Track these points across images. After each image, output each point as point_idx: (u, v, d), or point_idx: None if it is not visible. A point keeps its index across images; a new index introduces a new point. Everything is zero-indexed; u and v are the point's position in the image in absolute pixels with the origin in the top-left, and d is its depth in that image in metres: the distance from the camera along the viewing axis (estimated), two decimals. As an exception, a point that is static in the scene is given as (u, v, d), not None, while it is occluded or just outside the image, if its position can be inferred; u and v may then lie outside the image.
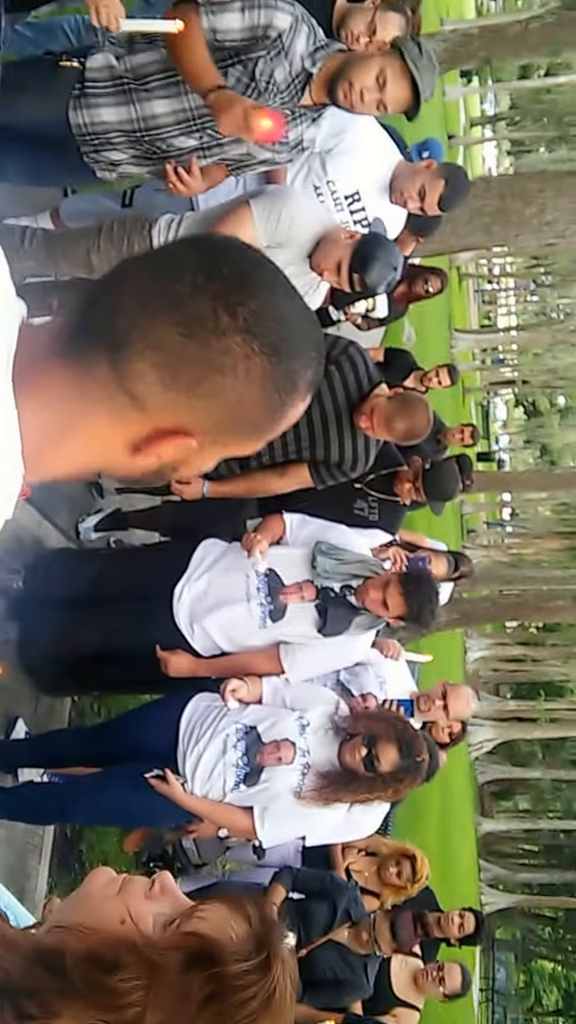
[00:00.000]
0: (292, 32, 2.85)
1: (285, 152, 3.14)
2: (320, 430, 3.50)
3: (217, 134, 2.98)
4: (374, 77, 2.92)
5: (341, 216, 3.81)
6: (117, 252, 3.21)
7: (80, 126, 2.97)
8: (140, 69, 2.91)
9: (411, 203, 3.90)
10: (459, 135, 36.40)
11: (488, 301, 54.19)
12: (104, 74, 2.92)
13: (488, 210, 7.61)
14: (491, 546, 33.08)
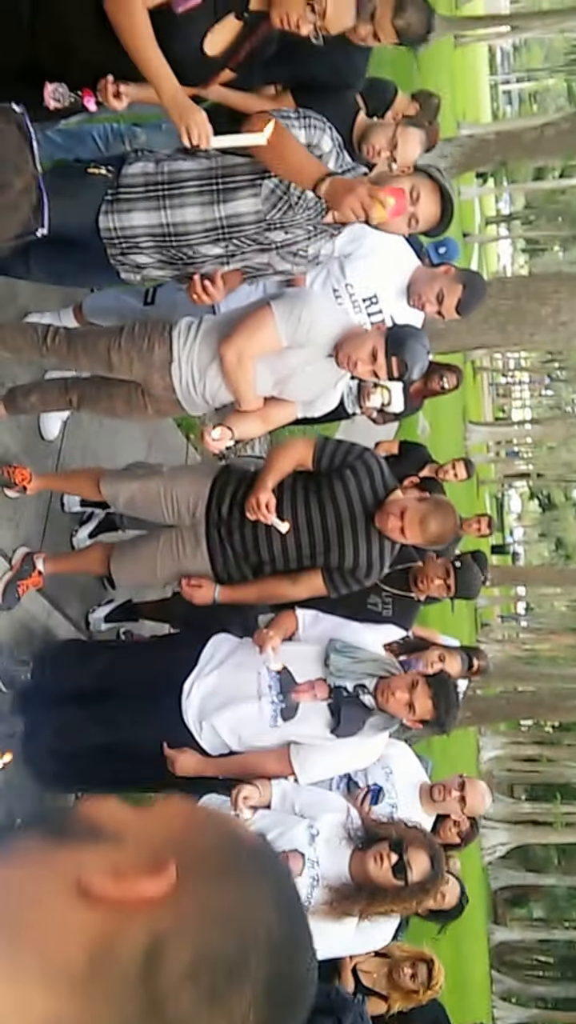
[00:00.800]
0: (329, 155, 2.95)
1: (303, 264, 3.23)
2: (335, 535, 3.49)
3: (242, 243, 3.06)
4: (407, 195, 3.00)
5: (359, 318, 3.87)
6: (137, 352, 3.27)
7: (110, 230, 3.05)
8: (176, 175, 3.01)
9: (429, 306, 3.96)
10: (474, 233, 37.26)
11: (503, 394, 54.78)
12: (139, 180, 3.02)
13: (503, 309, 7.72)
14: (505, 640, 32.75)
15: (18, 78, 2.82)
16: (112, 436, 4.73)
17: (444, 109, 14.77)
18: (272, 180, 2.96)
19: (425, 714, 3.32)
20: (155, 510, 3.64)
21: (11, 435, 3.99)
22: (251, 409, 3.36)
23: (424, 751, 6.19)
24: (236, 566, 3.60)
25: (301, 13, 2.68)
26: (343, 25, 2.75)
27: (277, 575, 3.61)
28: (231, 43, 2.83)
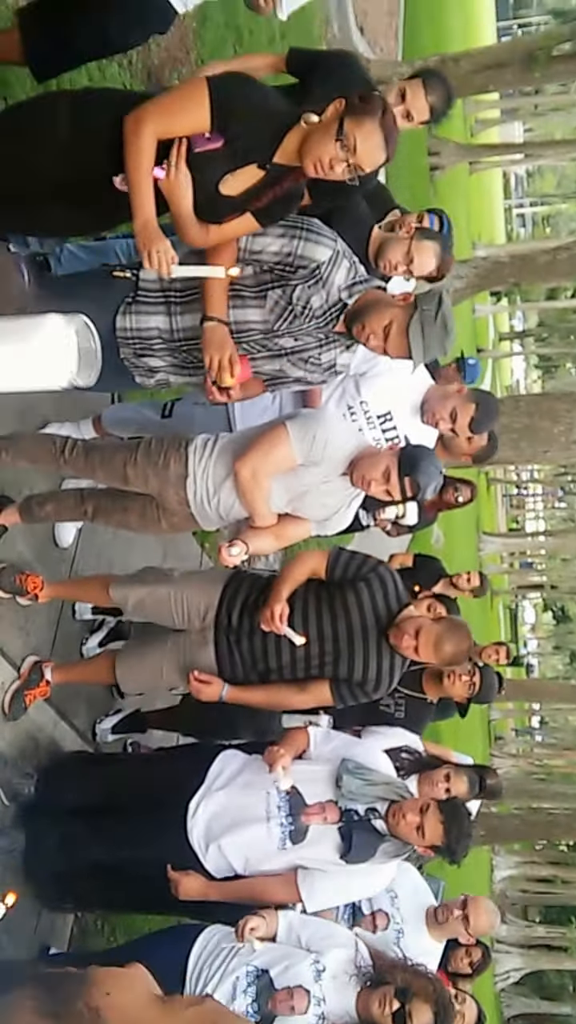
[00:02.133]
0: (332, 264, 3.02)
1: (318, 373, 3.26)
2: (345, 647, 3.45)
3: (251, 348, 3.13)
4: (383, 325, 3.07)
5: (373, 434, 3.91)
6: (153, 467, 3.31)
7: (125, 329, 3.14)
8: (186, 284, 3.10)
9: (443, 424, 4.01)
10: (488, 348, 37.95)
11: (516, 505, 54.98)
12: (154, 286, 3.12)
13: (516, 427, 7.82)
14: (519, 755, 32.02)
15: (55, 196, 2.93)
16: (126, 544, 4.74)
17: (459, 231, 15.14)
18: (276, 291, 3.03)
19: (435, 840, 3.22)
20: (164, 614, 3.62)
21: (26, 542, 4.00)
22: (265, 526, 3.36)
23: (436, 871, 6.01)
24: (244, 674, 3.56)
25: (333, 154, 2.72)
26: (375, 161, 2.79)
27: (285, 681, 3.56)
28: (251, 188, 2.89)
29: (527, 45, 9.04)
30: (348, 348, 3.22)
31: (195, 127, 2.75)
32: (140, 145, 2.71)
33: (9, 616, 3.81)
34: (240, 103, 2.78)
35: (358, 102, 2.75)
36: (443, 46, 19.04)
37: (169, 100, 2.82)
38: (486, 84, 8.97)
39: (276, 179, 2.88)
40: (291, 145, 2.82)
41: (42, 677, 3.79)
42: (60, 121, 2.85)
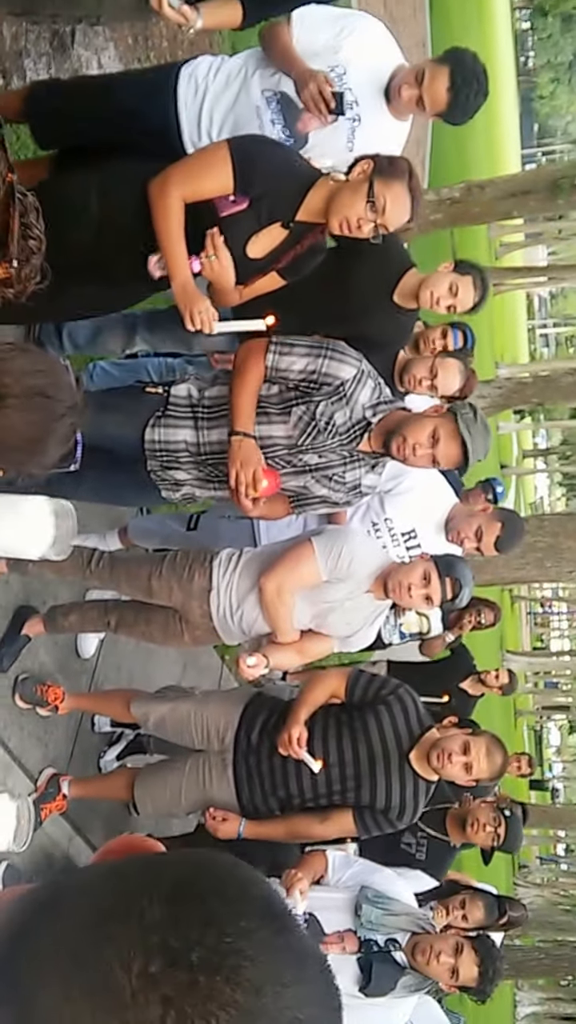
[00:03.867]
0: (356, 383, 3.07)
1: (342, 492, 3.27)
2: (367, 772, 3.38)
3: (276, 464, 3.16)
4: (428, 434, 3.08)
5: (397, 551, 3.92)
6: (177, 580, 3.32)
7: (153, 442, 3.18)
8: (216, 400, 3.16)
9: (468, 543, 4.01)
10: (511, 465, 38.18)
11: (541, 624, 54.37)
12: (184, 401, 3.18)
13: (541, 546, 7.80)
14: (544, 884, 30.87)
15: (83, 274, 3.02)
16: (147, 656, 4.73)
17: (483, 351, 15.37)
18: (300, 407, 3.08)
19: (469, 981, 3.10)
20: (184, 733, 3.57)
21: (48, 652, 4.00)
22: (288, 642, 3.35)
23: (455, 1005, 5.75)
24: (263, 798, 3.48)
25: (362, 214, 2.80)
26: (400, 221, 2.87)
27: (306, 811, 3.48)
28: (275, 249, 2.97)
29: (551, 173, 9.34)
30: (373, 468, 3.25)
31: (219, 189, 2.81)
32: (168, 208, 2.77)
33: (29, 727, 3.78)
34: (262, 163, 2.85)
35: (387, 164, 2.85)
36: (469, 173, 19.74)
37: (192, 163, 2.90)
38: (511, 210, 9.23)
39: (299, 237, 2.96)
40: (314, 203, 2.89)
41: (59, 791, 3.73)
42: (89, 199, 2.91)
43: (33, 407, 1.51)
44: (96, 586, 3.78)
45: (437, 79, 3.08)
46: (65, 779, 3.78)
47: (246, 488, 2.98)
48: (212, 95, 3.12)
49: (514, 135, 54.08)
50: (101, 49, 4.60)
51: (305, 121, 3.08)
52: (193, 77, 3.14)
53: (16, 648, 3.68)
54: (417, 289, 3.42)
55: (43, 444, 1.54)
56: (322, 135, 3.12)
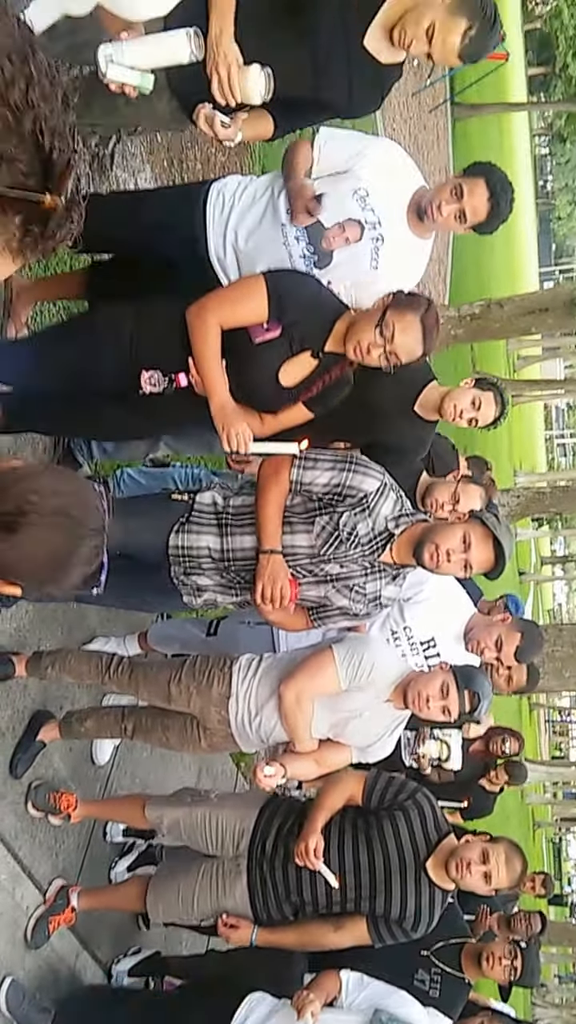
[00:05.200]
0: (379, 495, 3.12)
1: (363, 603, 3.29)
2: (383, 880, 3.31)
3: (298, 573, 3.19)
4: (460, 539, 3.12)
5: (416, 660, 3.90)
6: (196, 686, 3.31)
7: (177, 547, 3.21)
8: (240, 508, 3.21)
9: (488, 653, 3.99)
10: (529, 572, 38.03)
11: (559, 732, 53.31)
12: (209, 508, 3.23)
13: (559, 655, 7.74)
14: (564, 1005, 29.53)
15: (112, 396, 3.09)
16: (163, 763, 4.68)
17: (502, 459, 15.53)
18: (323, 517, 3.12)
19: None
20: (198, 838, 3.51)
21: (62, 757, 3.96)
22: (305, 750, 3.32)
23: None
24: (277, 906, 3.41)
25: (372, 339, 2.92)
26: (412, 353, 2.97)
27: (319, 919, 3.39)
28: (305, 378, 3.07)
29: (568, 292, 9.59)
30: (394, 579, 3.26)
31: (254, 316, 2.94)
32: (206, 332, 2.91)
33: (39, 836, 3.72)
34: (295, 293, 2.98)
35: (405, 297, 2.95)
36: (488, 291, 20.23)
37: (229, 291, 3.07)
38: (529, 327, 9.44)
39: (327, 368, 3.06)
40: (340, 333, 3.02)
41: (68, 903, 3.65)
42: (124, 328, 3.04)
43: (57, 527, 1.51)
44: (114, 691, 3.77)
45: (476, 192, 3.19)
46: (74, 890, 3.70)
47: (272, 603, 3.04)
48: (239, 211, 3.25)
49: (532, 254, 55.52)
50: (138, 171, 4.82)
51: (329, 239, 3.17)
52: (221, 193, 3.28)
53: (31, 754, 3.65)
54: (438, 402, 3.48)
55: (65, 565, 1.53)
56: (346, 253, 3.22)
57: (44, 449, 3.86)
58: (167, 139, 5.25)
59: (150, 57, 2.29)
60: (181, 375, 2.96)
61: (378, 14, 2.89)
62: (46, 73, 0.93)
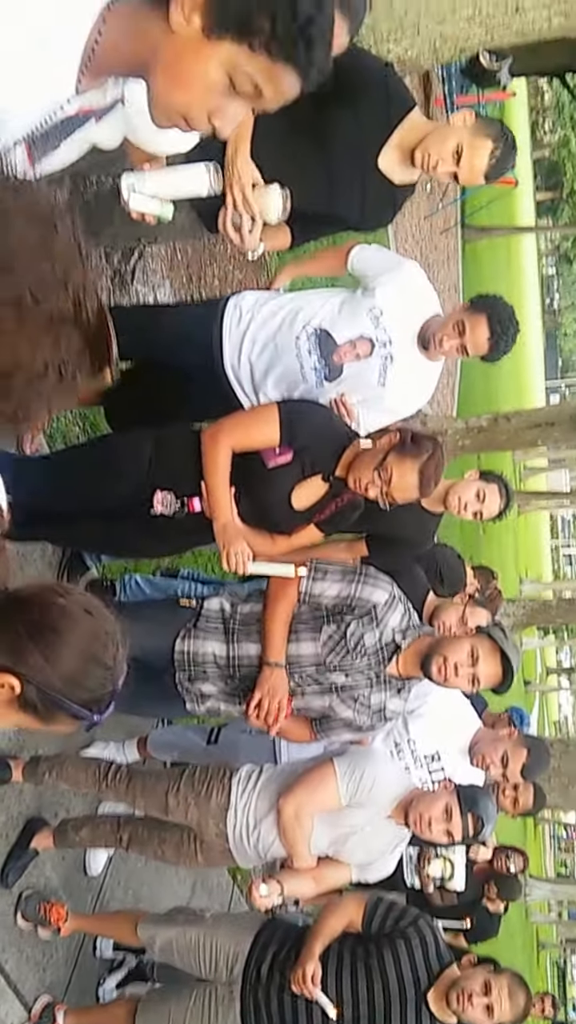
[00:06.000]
0: (387, 607, 3.14)
1: (366, 715, 3.26)
2: (382, 1013, 3.18)
3: (302, 680, 3.18)
4: (467, 653, 3.12)
5: (420, 774, 3.83)
6: (195, 797, 3.26)
7: (182, 653, 3.22)
8: (246, 616, 3.23)
9: (493, 769, 3.93)
10: (535, 682, 37.55)
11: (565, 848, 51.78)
12: (216, 614, 3.25)
13: (565, 771, 7.58)
14: None
15: (123, 515, 3.12)
16: (157, 874, 4.55)
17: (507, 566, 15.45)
18: (331, 626, 3.13)
19: None
20: (191, 960, 3.38)
21: (54, 866, 3.86)
22: (304, 867, 3.23)
23: None
24: None
25: (370, 478, 2.99)
26: (407, 496, 3.03)
27: None
28: (317, 501, 3.14)
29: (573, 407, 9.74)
30: (399, 692, 3.24)
31: (266, 440, 3.03)
32: (217, 455, 3.00)
33: (28, 949, 3.60)
34: (306, 419, 3.08)
35: (409, 441, 3.01)
36: (496, 403, 20.58)
37: (243, 416, 3.18)
38: (535, 440, 9.54)
39: (338, 491, 3.12)
40: (348, 461, 3.10)
41: (53, 1021, 3.51)
42: (143, 452, 3.12)
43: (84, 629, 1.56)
44: (110, 799, 3.70)
45: (478, 329, 3.27)
46: (60, 1008, 3.56)
47: (266, 717, 3.05)
48: (257, 324, 3.34)
49: (539, 369, 56.51)
50: (158, 286, 4.97)
51: (341, 354, 3.27)
52: (238, 307, 3.38)
53: (23, 863, 3.56)
54: (443, 494, 3.53)
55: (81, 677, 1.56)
56: (356, 368, 3.30)
57: (52, 551, 3.88)
58: (187, 256, 5.43)
59: (170, 188, 2.39)
60: (195, 499, 3.04)
61: (392, 136, 3.03)
62: (84, 258, 1.03)
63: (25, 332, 0.99)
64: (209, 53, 1.45)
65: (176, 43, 1.45)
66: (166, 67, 1.48)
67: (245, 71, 1.44)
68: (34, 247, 0.98)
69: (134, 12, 1.47)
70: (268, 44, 1.41)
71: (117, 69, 1.54)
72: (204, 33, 1.43)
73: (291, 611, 3.16)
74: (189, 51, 1.45)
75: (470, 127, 2.96)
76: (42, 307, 0.99)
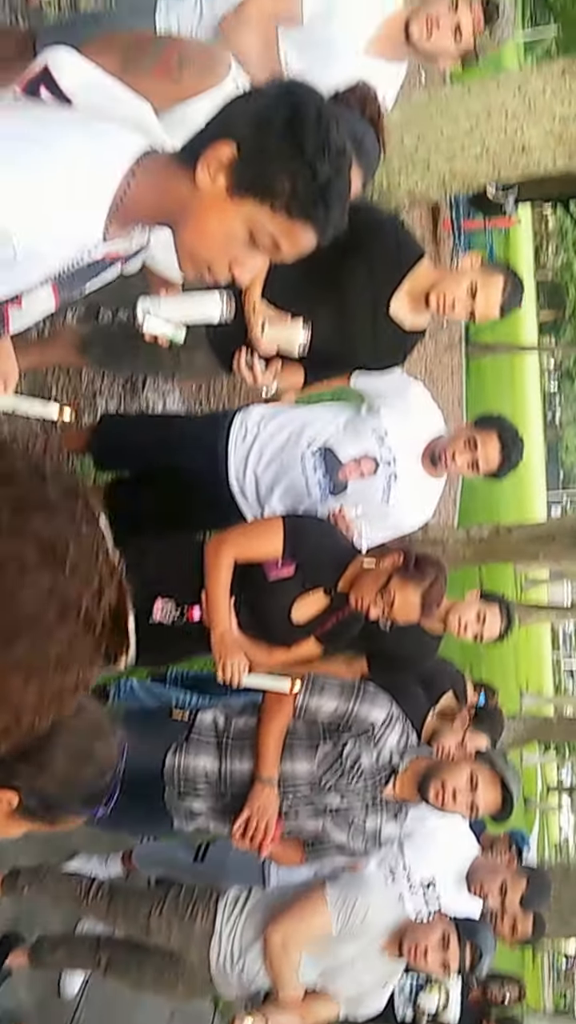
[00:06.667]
0: (386, 726, 3.08)
1: (360, 840, 3.15)
2: None
3: (296, 801, 3.08)
4: (467, 779, 3.05)
5: (415, 901, 3.68)
6: (179, 920, 3.14)
7: (173, 768, 3.12)
8: (240, 731, 3.14)
9: (492, 899, 3.78)
10: (535, 799, 36.72)
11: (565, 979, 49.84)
12: (209, 728, 3.17)
13: (566, 898, 7.32)
14: None
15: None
16: (134, 999, 4.33)
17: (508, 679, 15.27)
18: (327, 745, 3.06)
19: None
20: None
21: (27, 987, 3.68)
22: (290, 1000, 3.07)
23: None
24: None
25: (373, 600, 2.98)
26: (409, 620, 3.01)
27: None
28: (317, 615, 3.12)
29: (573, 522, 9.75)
30: (395, 817, 3.14)
31: (269, 553, 3.04)
32: (219, 565, 3.00)
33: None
34: (309, 533, 3.10)
35: (413, 566, 2.99)
36: (497, 514, 20.64)
37: (247, 528, 3.22)
38: (536, 553, 9.51)
39: (339, 606, 3.10)
40: (350, 577, 3.10)
41: None
42: (148, 560, 3.09)
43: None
44: (91, 917, 3.55)
45: (489, 445, 3.34)
46: None
47: (252, 838, 2.97)
48: (263, 438, 3.41)
49: (540, 481, 57.07)
50: (167, 393, 5.05)
51: (345, 471, 3.33)
52: (244, 423, 3.45)
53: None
54: (443, 614, 3.51)
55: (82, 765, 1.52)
56: (360, 485, 3.35)
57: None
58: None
59: (184, 313, 2.47)
60: (195, 608, 3.03)
61: (403, 284, 3.15)
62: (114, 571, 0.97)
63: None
64: (233, 211, 1.55)
65: (202, 200, 1.56)
66: (192, 221, 1.58)
67: (266, 228, 1.54)
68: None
69: (163, 169, 1.58)
70: (288, 205, 1.51)
71: (144, 219, 1.63)
72: (228, 192, 1.54)
73: (286, 726, 3.09)
74: (214, 208, 1.55)
75: (479, 268, 3.10)
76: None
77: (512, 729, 10.65)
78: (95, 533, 0.93)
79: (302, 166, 1.50)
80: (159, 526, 3.33)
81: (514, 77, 6.21)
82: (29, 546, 0.86)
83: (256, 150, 1.52)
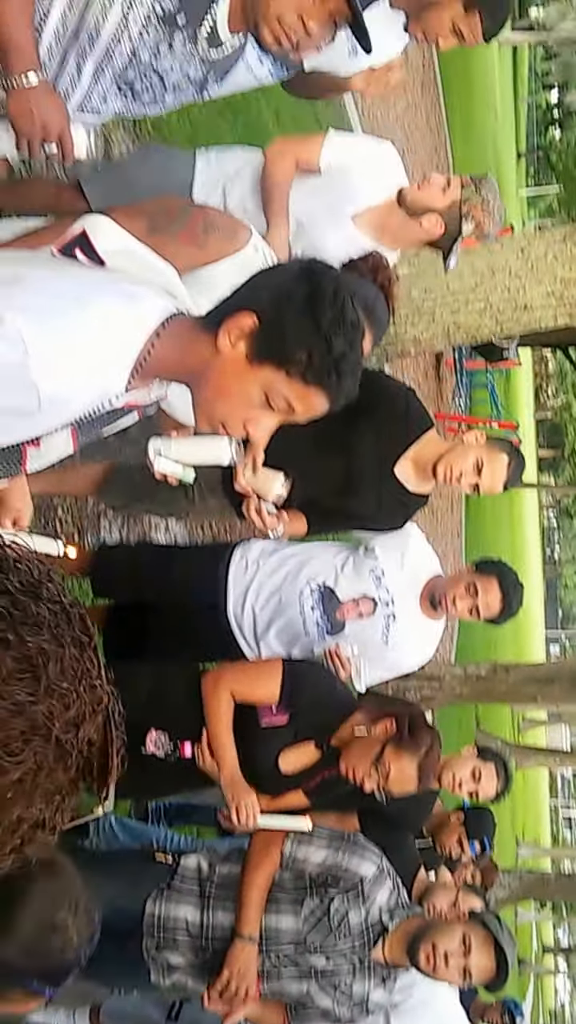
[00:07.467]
0: (375, 882, 2.97)
1: (347, 1007, 3.00)
2: None
3: (279, 960, 2.95)
4: (459, 941, 2.92)
5: None
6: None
7: (152, 915, 3.01)
8: (224, 879, 3.03)
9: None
10: (530, 961, 35.08)
11: None
12: (192, 874, 3.06)
13: None
14: None
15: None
16: None
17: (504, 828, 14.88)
18: (313, 900, 2.96)
19: None
20: None
21: None
22: None
23: None
24: None
25: (366, 771, 2.89)
26: (405, 790, 2.93)
27: None
28: (306, 767, 3.03)
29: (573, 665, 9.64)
30: (384, 982, 2.98)
31: (265, 697, 2.99)
32: (219, 701, 2.95)
33: None
34: (309, 683, 3.05)
35: (407, 734, 2.93)
36: (495, 651, 20.44)
37: (247, 668, 3.20)
38: (534, 695, 9.37)
39: (329, 761, 3.01)
40: (344, 736, 3.01)
41: None
42: (142, 686, 3.05)
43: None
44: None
45: (491, 591, 3.39)
46: None
47: (231, 1000, 2.83)
48: (263, 575, 3.44)
49: (539, 618, 56.89)
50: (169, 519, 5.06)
51: (343, 611, 3.34)
52: (244, 557, 3.50)
53: None
54: (438, 771, 3.41)
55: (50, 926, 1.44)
56: (359, 625, 3.37)
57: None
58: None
59: (194, 455, 2.55)
60: (187, 744, 2.96)
61: (409, 450, 3.29)
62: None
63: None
64: (251, 375, 1.66)
65: (222, 363, 1.66)
66: (211, 382, 1.68)
67: (281, 392, 1.64)
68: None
69: (187, 332, 1.69)
70: (304, 373, 1.62)
71: (164, 375, 1.73)
72: (247, 358, 1.64)
73: (271, 878, 2.97)
74: (233, 371, 1.66)
75: (484, 445, 3.25)
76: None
77: (507, 885, 10.26)
78: (83, 658, 0.89)
79: (319, 340, 1.61)
80: (156, 654, 3.33)
81: (518, 239, 6.52)
82: (6, 655, 0.82)
83: (276, 322, 1.63)
